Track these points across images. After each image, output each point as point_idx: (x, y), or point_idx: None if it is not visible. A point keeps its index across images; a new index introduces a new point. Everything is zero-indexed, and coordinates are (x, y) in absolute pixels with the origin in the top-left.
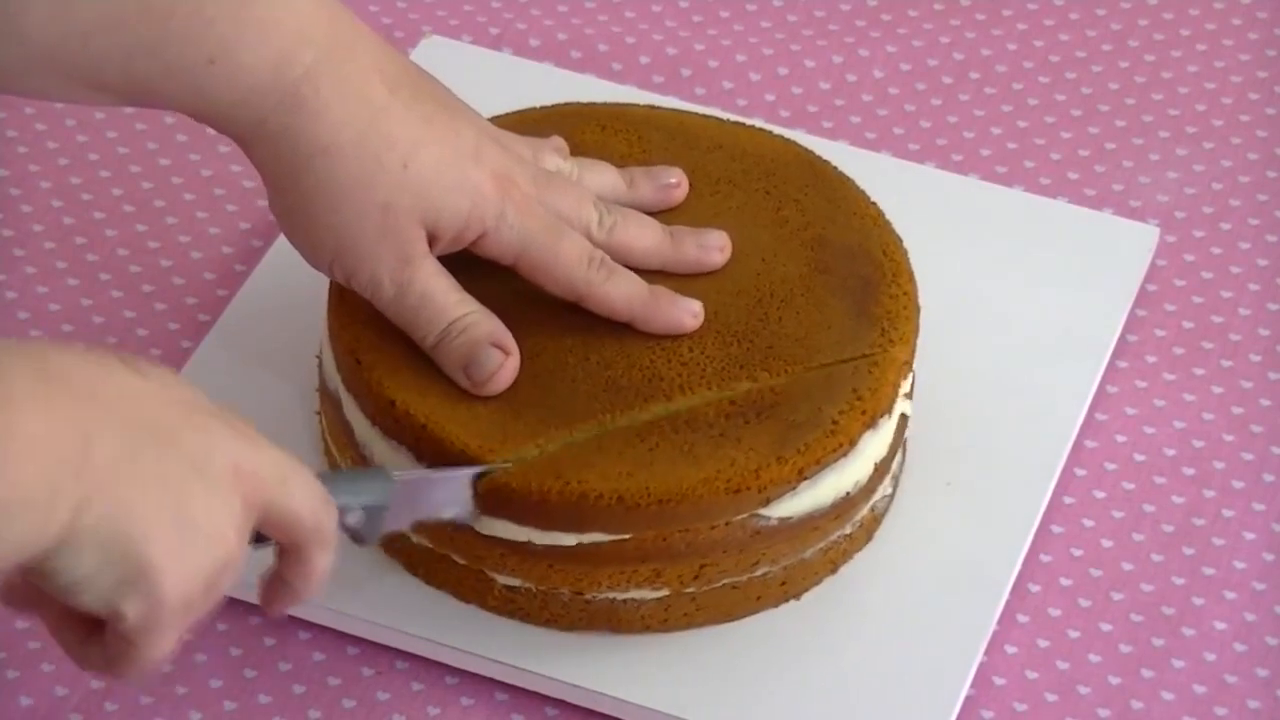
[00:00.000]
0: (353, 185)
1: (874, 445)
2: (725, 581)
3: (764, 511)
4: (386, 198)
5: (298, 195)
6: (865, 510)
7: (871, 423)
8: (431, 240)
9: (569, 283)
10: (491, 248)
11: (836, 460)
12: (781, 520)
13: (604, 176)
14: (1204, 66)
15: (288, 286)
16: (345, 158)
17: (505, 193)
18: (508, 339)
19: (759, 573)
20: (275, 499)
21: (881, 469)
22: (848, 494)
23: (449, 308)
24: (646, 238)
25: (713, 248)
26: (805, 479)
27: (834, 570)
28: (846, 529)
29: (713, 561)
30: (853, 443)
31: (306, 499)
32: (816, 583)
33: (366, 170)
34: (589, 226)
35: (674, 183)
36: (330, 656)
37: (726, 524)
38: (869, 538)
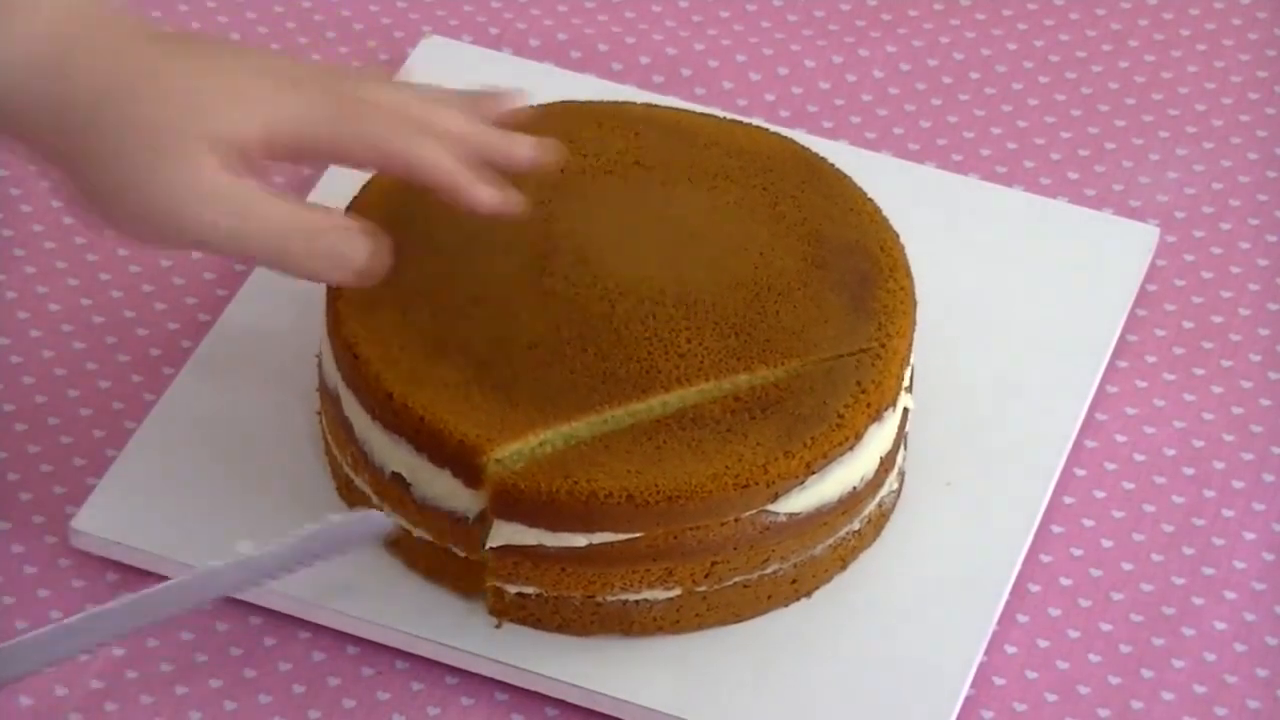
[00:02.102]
0: (141, 129)
1: (879, 439)
2: (737, 580)
3: (772, 507)
4: (173, 125)
5: (95, 169)
6: (873, 505)
7: (877, 415)
8: (245, 159)
9: (385, 151)
10: (302, 150)
11: (843, 454)
12: (790, 516)
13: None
14: (1204, 66)
15: (288, 287)
16: (123, 106)
17: (298, 92)
18: (355, 220)
19: (770, 570)
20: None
21: (887, 463)
22: (854, 488)
23: (279, 214)
24: (455, 120)
25: (522, 142)
26: (813, 473)
27: (844, 567)
28: (855, 524)
29: (724, 559)
30: (858, 436)
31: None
32: (827, 580)
33: (147, 114)
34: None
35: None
36: (330, 656)
37: (736, 520)
38: (878, 533)
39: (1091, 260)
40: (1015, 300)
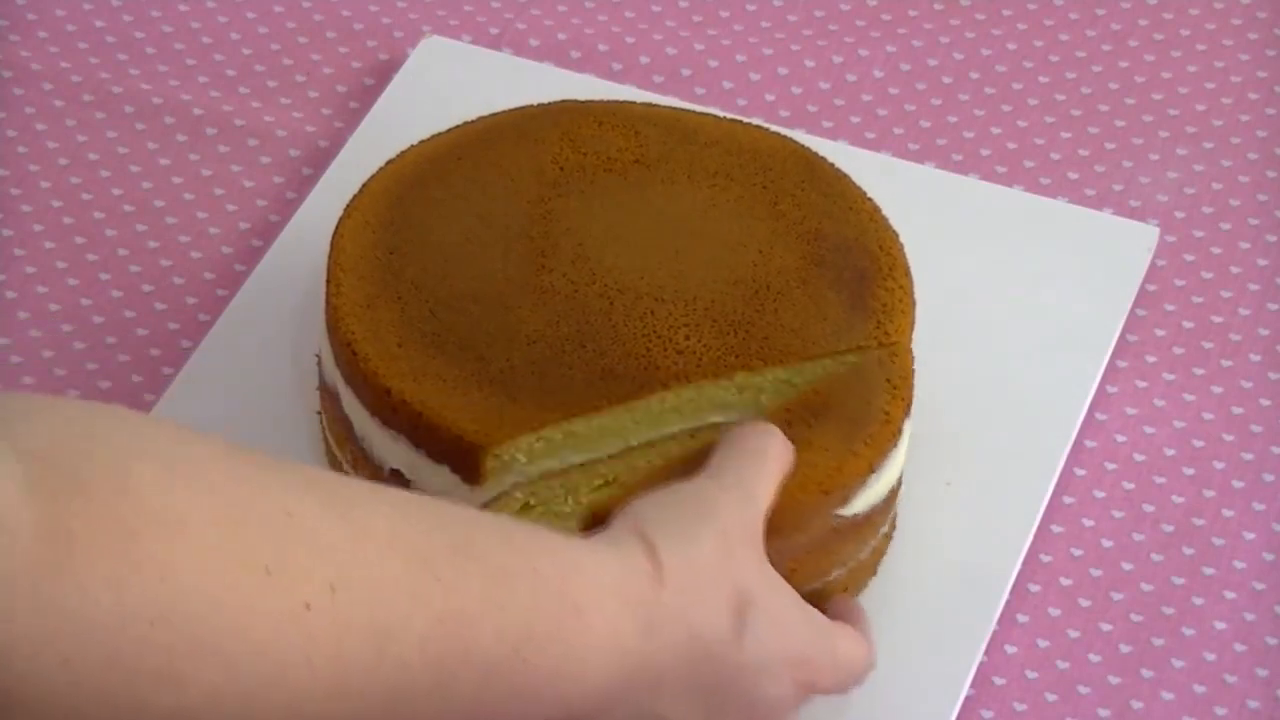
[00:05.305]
0: None
1: (907, 433)
2: (808, 589)
3: (841, 510)
4: None
5: None
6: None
7: (908, 410)
8: None
9: None
10: None
11: (892, 450)
12: (853, 517)
13: None
14: (1204, 66)
15: (288, 286)
16: None
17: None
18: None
19: (832, 576)
20: None
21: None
22: (893, 486)
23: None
24: None
25: None
26: (873, 471)
27: (874, 571)
28: (886, 526)
29: (798, 565)
30: (899, 431)
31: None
32: (865, 586)
33: None
34: None
35: None
36: None
37: (811, 525)
38: (893, 531)
39: (1091, 260)
40: (1015, 300)
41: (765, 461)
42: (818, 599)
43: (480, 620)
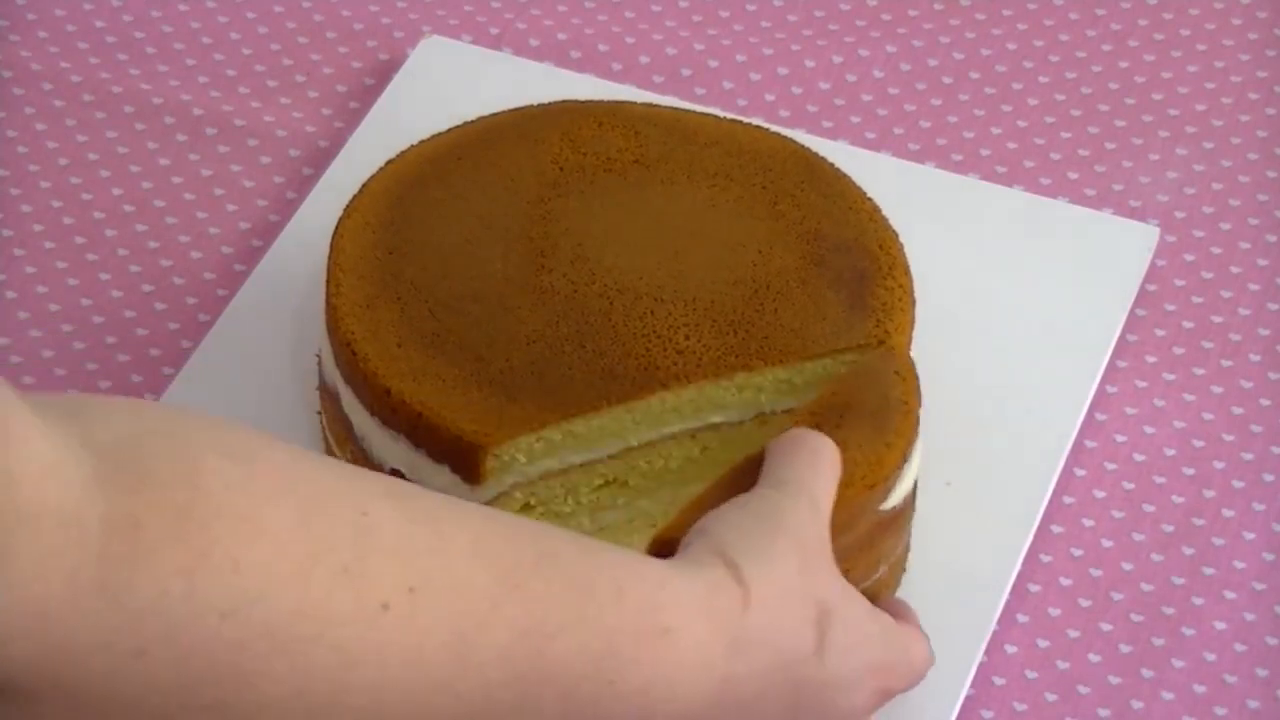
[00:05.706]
0: None
1: (922, 420)
2: (861, 589)
3: (883, 505)
4: None
5: None
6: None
7: (920, 398)
8: None
9: None
10: None
11: (916, 438)
12: (891, 510)
13: None
14: (1204, 66)
15: (288, 286)
16: None
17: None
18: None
19: (879, 573)
20: None
21: None
22: (917, 478)
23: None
24: None
25: None
26: (905, 461)
27: (905, 567)
28: (913, 517)
29: (852, 565)
30: (918, 418)
31: None
32: (899, 582)
33: None
34: None
35: None
36: None
37: (858, 522)
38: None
39: (1091, 260)
40: (1015, 300)
41: (823, 466)
42: (870, 598)
43: (563, 634)
